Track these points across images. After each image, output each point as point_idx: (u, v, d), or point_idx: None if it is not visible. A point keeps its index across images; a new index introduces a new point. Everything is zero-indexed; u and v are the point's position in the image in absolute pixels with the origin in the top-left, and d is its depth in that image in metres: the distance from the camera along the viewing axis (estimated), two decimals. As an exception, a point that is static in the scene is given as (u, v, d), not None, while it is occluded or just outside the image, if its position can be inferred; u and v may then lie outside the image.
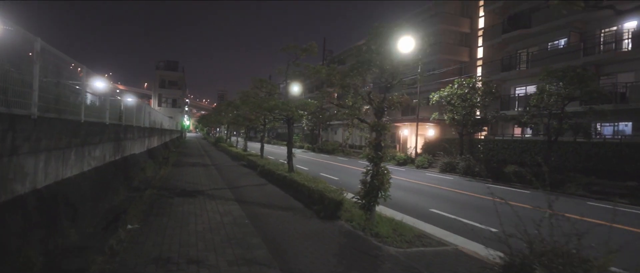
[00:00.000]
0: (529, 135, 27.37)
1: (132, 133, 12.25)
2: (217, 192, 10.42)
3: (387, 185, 7.46)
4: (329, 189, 9.51)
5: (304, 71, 12.76)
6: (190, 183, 11.92)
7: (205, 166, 18.06)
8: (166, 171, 14.52)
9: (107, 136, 8.64)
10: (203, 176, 14.08)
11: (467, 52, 35.01)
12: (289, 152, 13.69)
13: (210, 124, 62.57)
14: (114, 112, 9.91)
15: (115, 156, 9.57)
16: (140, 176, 11.98)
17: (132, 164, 11.71)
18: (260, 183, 13.16)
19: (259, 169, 16.38)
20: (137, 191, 9.77)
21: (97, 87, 8.56)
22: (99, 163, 7.88)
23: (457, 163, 20.75)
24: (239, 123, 24.08)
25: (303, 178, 11.79)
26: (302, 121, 47.47)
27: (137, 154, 13.39)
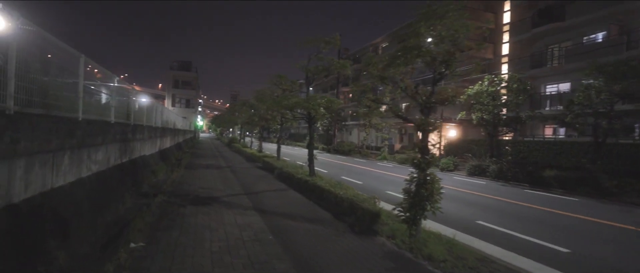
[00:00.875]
0: (562, 136, 25.71)
1: (142, 133, 11.31)
2: (234, 199, 9.35)
3: (438, 196, 6.26)
4: (361, 197, 8.36)
5: (327, 65, 11.61)
6: (204, 188, 10.90)
7: (220, 168, 17.09)
8: (178, 174, 13.56)
9: (112, 137, 7.65)
10: (218, 179, 13.07)
11: (491, 48, 33.33)
12: (309, 154, 12.56)
13: (223, 124, 62.02)
14: (122, 109, 8.95)
15: (121, 158, 8.59)
16: (150, 179, 11.02)
17: (142, 167, 10.75)
18: (280, 188, 12.07)
19: (276, 172, 15.33)
20: (146, 197, 8.77)
21: (103, 81, 7.59)
22: (101, 167, 6.88)
23: (487, 166, 19.31)
24: (253, 123, 23.09)
25: (327, 183, 10.68)
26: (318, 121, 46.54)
27: (148, 156, 12.46)
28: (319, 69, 11.89)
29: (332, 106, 10.95)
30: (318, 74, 12.02)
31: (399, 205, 6.68)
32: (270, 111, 18.87)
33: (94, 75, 7.32)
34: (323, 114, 11.15)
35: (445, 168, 22.15)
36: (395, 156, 29.68)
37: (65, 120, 5.07)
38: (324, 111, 11.04)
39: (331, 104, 10.85)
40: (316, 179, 11.38)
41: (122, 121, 8.67)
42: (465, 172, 20.70)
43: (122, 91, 8.93)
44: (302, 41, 12.17)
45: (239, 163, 20.69)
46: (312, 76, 12.04)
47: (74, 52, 5.71)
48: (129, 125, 9.40)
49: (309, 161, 12.56)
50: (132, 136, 9.83)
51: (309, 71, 12.17)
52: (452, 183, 16.02)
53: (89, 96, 6.83)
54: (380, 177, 17.31)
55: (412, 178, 6.51)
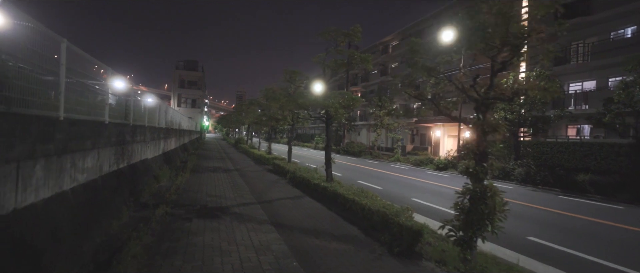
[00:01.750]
0: (587, 136, 24.31)
1: (143, 135, 10.23)
2: (246, 210, 8.23)
3: (502, 214, 5.08)
4: (392, 209, 7.18)
5: (348, 59, 10.46)
6: (212, 195, 9.80)
7: (228, 172, 16.00)
8: (184, 178, 12.48)
9: (106, 140, 6.56)
10: (226, 185, 11.97)
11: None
12: (327, 157, 11.42)
13: (229, 124, 61.12)
14: (119, 108, 7.87)
15: (118, 164, 7.50)
16: (152, 186, 9.94)
17: (143, 173, 9.67)
18: (295, 194, 10.93)
19: (289, 176, 14.21)
20: (146, 208, 7.68)
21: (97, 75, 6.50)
22: (91, 176, 5.79)
23: (511, 169, 18.04)
24: (262, 123, 21.98)
25: (347, 189, 9.55)
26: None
27: (150, 160, 11.39)
28: (338, 64, 10.74)
29: (353, 104, 9.79)
30: (337, 69, 10.87)
31: (448, 222, 5.51)
32: (280, 111, 17.76)
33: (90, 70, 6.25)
34: (342, 113, 10.00)
35: (465, 171, 20.86)
36: (409, 157, 28.43)
37: (38, 120, 3.97)
38: (343, 110, 9.89)
39: (353, 102, 9.69)
40: (335, 185, 10.24)
41: (119, 121, 7.59)
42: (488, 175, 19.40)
43: (121, 94, 7.84)
44: (319, 33, 11.06)
45: (248, 166, 19.60)
46: (330, 71, 10.89)
47: (55, 37, 4.62)
48: (127, 126, 8.32)
49: (326, 164, 11.42)
50: (132, 138, 8.75)
51: (327, 66, 11.03)
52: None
53: (80, 92, 5.75)
54: (399, 181, 16.12)
55: (466, 189, 5.33)
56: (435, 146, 37.44)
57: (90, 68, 6.45)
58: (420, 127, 38.96)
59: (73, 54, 5.24)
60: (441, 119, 35.05)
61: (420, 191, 13.41)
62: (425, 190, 13.81)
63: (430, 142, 38.63)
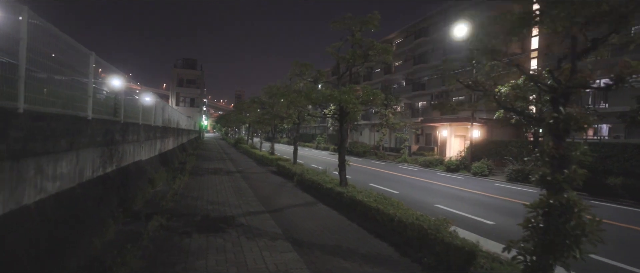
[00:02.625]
0: (606, 136, 23.28)
1: (136, 134, 9.09)
2: (255, 221, 7.10)
3: (593, 235, 3.97)
4: (429, 222, 6.08)
5: (366, 49, 9.34)
6: (214, 202, 8.67)
7: (230, 174, 14.86)
8: (182, 182, 11.35)
9: (88, 139, 5.43)
10: (229, 189, 10.84)
11: (519, 42, 30.86)
12: (341, 159, 10.31)
13: (229, 124, 59.97)
14: (107, 103, 6.73)
15: (105, 168, 6.36)
16: (146, 192, 8.79)
17: (136, 177, 8.53)
18: (306, 201, 9.81)
19: (296, 178, 13.09)
20: (138, 219, 6.54)
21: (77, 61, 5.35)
22: (67, 185, 4.65)
23: (531, 171, 16.92)
24: (265, 122, 20.85)
25: (367, 195, 8.47)
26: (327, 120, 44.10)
27: (145, 161, 10.25)
28: (355, 55, 9.61)
29: (373, 100, 8.68)
30: (354, 61, 9.74)
31: (513, 243, 4.41)
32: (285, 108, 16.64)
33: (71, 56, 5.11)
34: (360, 110, 8.89)
35: (479, 173, 19.82)
36: (417, 158, 27.34)
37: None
38: (361, 106, 8.78)
39: (373, 97, 8.57)
40: (352, 190, 9.13)
41: (106, 117, 6.44)
42: (504, 178, 18.35)
43: (105, 77, 6.70)
44: (333, 22, 9.94)
45: (250, 168, 18.45)
46: (348, 64, 9.77)
47: (13, 3, 3.49)
48: (117, 123, 7.18)
49: (340, 167, 10.31)
50: (122, 138, 7.61)
51: (342, 58, 9.90)
52: (498, 192, 13.70)
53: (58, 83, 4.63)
54: (414, 184, 15.01)
55: (541, 201, 4.22)
56: (442, 147, 36.32)
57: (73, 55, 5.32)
58: (425, 127, 37.86)
59: (44, 32, 4.13)
60: (448, 118, 33.95)
61: (439, 195, 12.31)
62: (444, 194, 12.70)
63: (437, 142, 37.51)
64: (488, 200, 11.90)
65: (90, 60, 5.69)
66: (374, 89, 8.88)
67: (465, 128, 36.33)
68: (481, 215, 9.17)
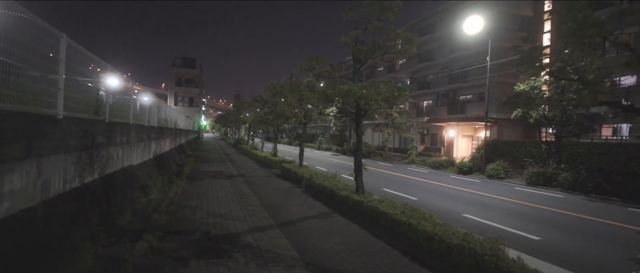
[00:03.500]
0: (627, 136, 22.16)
1: (126, 135, 7.95)
2: (264, 239, 5.95)
3: None
4: (478, 243, 4.96)
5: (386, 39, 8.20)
6: (215, 214, 7.53)
7: (231, 178, 13.72)
8: (179, 189, 10.21)
9: (55, 143, 4.29)
10: (231, 196, 9.70)
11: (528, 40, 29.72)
12: (357, 163, 9.20)
13: (228, 124, 58.82)
14: (87, 99, 5.59)
15: (82, 177, 5.22)
16: (137, 202, 7.64)
17: (124, 185, 7.38)
18: (320, 211, 8.67)
19: (304, 183, 11.96)
20: (124, 239, 5.39)
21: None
22: (21, 204, 3.51)
23: (553, 174, 15.83)
24: (267, 121, 19.68)
25: (390, 206, 7.39)
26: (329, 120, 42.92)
27: (137, 166, 9.10)
28: (374, 47, 8.47)
29: (398, 96, 7.55)
30: (372, 53, 8.60)
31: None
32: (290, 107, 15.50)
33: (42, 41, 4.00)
34: (383, 107, 7.78)
35: (495, 175, 18.68)
36: (425, 159, 26.21)
37: None
38: (384, 103, 7.65)
39: (398, 94, 7.45)
40: (372, 199, 8.00)
41: (84, 116, 5.29)
42: (523, 180, 17.23)
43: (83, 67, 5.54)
44: (349, 9, 8.80)
45: (253, 171, 17.30)
46: (363, 56, 8.64)
47: None
48: (99, 123, 6.03)
49: (356, 172, 9.19)
50: (107, 140, 6.46)
51: (359, 50, 8.77)
52: (523, 197, 12.57)
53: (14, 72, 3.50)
54: (431, 189, 13.88)
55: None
56: (449, 147, 35.23)
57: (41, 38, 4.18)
58: (431, 127, 36.73)
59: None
60: (455, 118, 32.87)
61: (461, 202, 11.18)
62: (466, 200, 11.58)
63: (443, 142, 36.42)
64: (517, 207, 10.77)
65: (61, 44, 4.54)
66: (399, 85, 7.75)
67: (472, 128, 35.22)
68: (520, 227, 8.05)
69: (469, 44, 31.49)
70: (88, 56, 5.63)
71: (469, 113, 31.51)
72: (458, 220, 8.60)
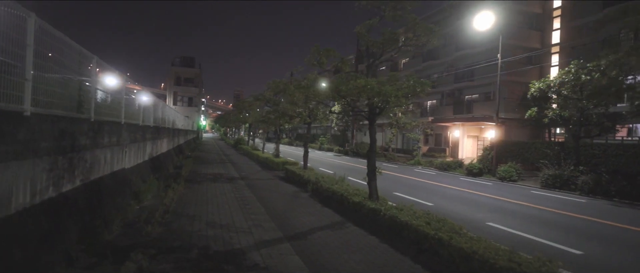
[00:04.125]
0: None
1: (116, 135, 7.12)
2: (273, 256, 5.13)
3: None
4: (535, 267, 4.16)
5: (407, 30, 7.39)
6: (216, 225, 6.71)
7: (232, 181, 12.89)
8: (176, 194, 9.38)
9: (19, 146, 3.47)
10: (233, 203, 8.88)
11: (538, 37, 28.97)
12: (371, 166, 8.41)
13: (227, 124, 58.02)
14: (68, 93, 4.76)
15: (58, 186, 4.40)
16: (128, 210, 6.82)
17: (114, 191, 6.56)
18: (332, 220, 7.84)
19: (310, 187, 11.17)
20: (108, 259, 4.56)
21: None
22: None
23: (571, 177, 15.03)
24: (269, 121, 18.85)
25: (411, 214, 6.67)
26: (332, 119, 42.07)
27: (130, 170, 8.28)
28: (391, 38, 7.65)
29: (420, 91, 6.74)
30: (389, 45, 7.78)
31: None
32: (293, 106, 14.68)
33: None
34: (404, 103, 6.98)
35: (507, 178, 17.87)
36: (432, 160, 25.40)
37: None
38: (404, 99, 6.84)
39: (422, 88, 6.63)
40: (389, 207, 7.19)
41: (61, 113, 4.47)
42: (537, 183, 16.43)
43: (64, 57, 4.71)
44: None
45: (255, 173, 16.47)
46: (379, 49, 7.82)
47: None
48: (82, 121, 5.20)
49: (369, 176, 8.40)
50: (92, 141, 5.63)
51: (373, 43, 7.95)
52: (544, 202, 11.75)
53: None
54: (444, 193, 13.06)
55: None
56: (454, 148, 34.43)
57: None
58: (435, 127, 35.93)
59: None
60: (461, 118, 32.07)
61: (481, 208, 10.38)
62: (486, 206, 10.77)
63: (448, 143, 35.62)
64: (542, 214, 9.96)
65: (29, 25, 3.72)
66: (423, 80, 6.93)
67: (478, 128, 34.39)
68: (555, 238, 7.24)
69: (475, 42, 30.69)
70: (68, 44, 4.80)
71: (475, 112, 30.69)
72: (483, 229, 7.80)
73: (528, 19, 29.02)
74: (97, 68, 6.29)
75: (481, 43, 30.19)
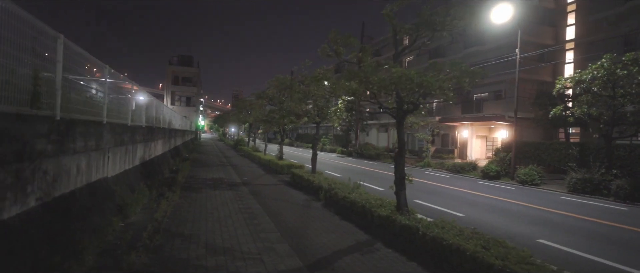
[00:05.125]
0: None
1: (93, 138, 5.82)
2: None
3: None
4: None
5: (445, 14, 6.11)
6: (217, 249, 5.41)
7: (233, 188, 11.59)
8: (170, 205, 8.07)
9: None
10: (237, 216, 7.58)
11: (552, 32, 27.73)
12: (399, 173, 7.13)
13: (226, 124, 56.69)
14: (11, 80, 3.45)
15: (7, 209, 3.08)
16: (108, 230, 5.50)
17: (88, 209, 5.25)
18: (357, 239, 6.54)
19: (323, 195, 9.88)
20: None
21: None
22: None
23: (603, 181, 13.78)
24: (273, 121, 17.52)
25: (460, 235, 5.31)
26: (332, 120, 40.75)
27: (113, 179, 6.97)
28: (428, 22, 6.35)
29: (473, 80, 5.45)
30: (423, 30, 6.49)
31: None
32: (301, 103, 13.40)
33: None
34: (452, 99, 5.69)
35: (529, 181, 16.60)
36: (443, 162, 24.12)
37: None
38: (452, 93, 5.55)
39: (472, 77, 5.35)
40: (428, 224, 5.90)
41: (6, 110, 3.16)
42: (563, 187, 15.18)
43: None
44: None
45: (258, 177, 15.15)
46: (412, 34, 6.53)
47: None
48: (37, 120, 3.89)
49: (398, 185, 7.12)
50: (56, 146, 4.33)
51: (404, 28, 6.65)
52: (577, 209, 10.48)
53: None
54: (469, 200, 11.78)
55: None
56: (462, 148, 33.23)
57: None
58: (442, 127, 34.69)
59: None
60: (469, 117, 30.82)
61: (522, 220, 9.10)
62: (525, 217, 9.49)
63: (456, 143, 34.40)
64: (592, 226, 8.70)
65: None
66: (474, 69, 5.64)
67: (487, 128, 33.17)
68: (620, 259, 5.99)
69: (484, 39, 29.52)
70: (21, 17, 3.51)
71: (485, 112, 29.45)
72: (535, 247, 6.53)
73: (541, 15, 27.78)
74: (74, 53, 4.99)
75: (491, 40, 28.99)
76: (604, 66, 13.48)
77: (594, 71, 13.78)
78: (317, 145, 14.08)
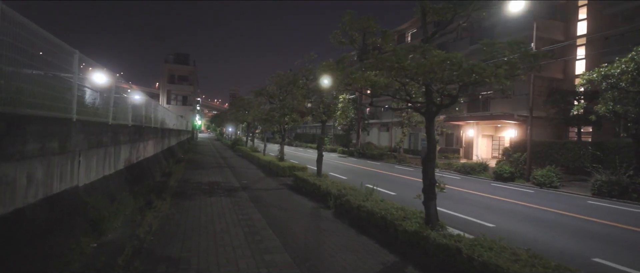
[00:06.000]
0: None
1: (56, 138, 4.66)
2: None
3: None
4: None
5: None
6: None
7: (231, 194, 10.43)
8: (158, 217, 6.90)
9: None
10: (235, 230, 6.44)
11: (562, 28, 26.69)
12: (428, 179, 5.99)
13: (224, 123, 55.43)
14: None
15: None
16: (73, 257, 4.34)
17: (44, 231, 4.08)
18: (382, 262, 5.39)
19: (332, 202, 8.74)
20: None
21: None
22: None
23: (635, 184, 12.72)
24: (273, 119, 16.36)
25: (514, 261, 4.18)
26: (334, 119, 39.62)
27: (85, 188, 5.79)
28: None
29: (537, 61, 4.33)
30: (459, 8, 5.35)
31: None
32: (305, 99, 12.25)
33: None
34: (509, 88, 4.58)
35: (547, 183, 15.52)
36: (450, 163, 23.03)
37: None
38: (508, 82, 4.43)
39: (535, 61, 4.24)
40: (474, 245, 4.77)
41: None
42: (586, 190, 14.12)
43: None
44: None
45: (258, 181, 13.98)
46: (449, 14, 5.40)
47: None
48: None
49: (427, 194, 5.98)
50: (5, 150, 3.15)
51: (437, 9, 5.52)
52: (613, 217, 9.39)
53: None
54: (493, 207, 10.68)
55: None
56: (467, 148, 32.18)
57: None
58: (447, 125, 33.63)
59: None
60: (476, 116, 29.76)
61: (560, 232, 7.99)
62: (562, 227, 8.39)
63: (461, 143, 33.35)
64: (633, 236, 7.61)
65: None
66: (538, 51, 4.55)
67: (493, 127, 32.13)
68: None
69: (491, 35, 28.44)
70: None
71: (493, 110, 28.41)
72: (592, 268, 5.43)
73: (552, 9, 26.72)
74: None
75: (498, 36, 27.94)
76: (635, 59, 12.41)
77: (623, 65, 12.70)
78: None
